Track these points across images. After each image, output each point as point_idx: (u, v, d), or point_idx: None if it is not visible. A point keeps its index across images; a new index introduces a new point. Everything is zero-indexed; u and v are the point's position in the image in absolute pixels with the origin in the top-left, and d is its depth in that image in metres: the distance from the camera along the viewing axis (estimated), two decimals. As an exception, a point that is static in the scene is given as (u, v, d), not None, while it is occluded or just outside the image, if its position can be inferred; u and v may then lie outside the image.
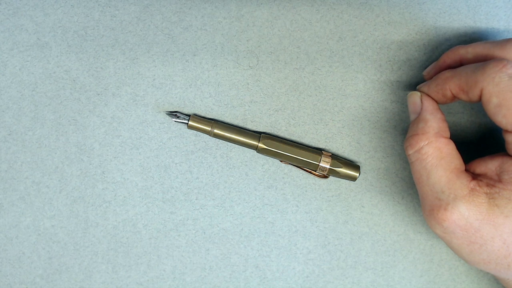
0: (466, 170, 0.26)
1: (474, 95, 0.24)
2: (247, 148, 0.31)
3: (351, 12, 0.32)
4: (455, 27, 0.32)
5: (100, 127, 0.31)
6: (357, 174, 0.31)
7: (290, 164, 0.31)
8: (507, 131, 0.24)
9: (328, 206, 0.32)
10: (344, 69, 0.32)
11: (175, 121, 0.31)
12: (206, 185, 0.32)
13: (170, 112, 0.31)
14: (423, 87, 0.28)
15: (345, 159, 0.32)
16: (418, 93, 0.28)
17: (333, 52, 0.32)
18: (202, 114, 0.31)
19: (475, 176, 0.25)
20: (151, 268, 0.32)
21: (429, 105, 0.27)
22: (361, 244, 0.32)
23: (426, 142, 0.25)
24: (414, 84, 0.32)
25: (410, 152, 0.26)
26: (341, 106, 0.32)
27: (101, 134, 0.31)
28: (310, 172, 0.31)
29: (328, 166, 0.30)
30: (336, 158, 0.31)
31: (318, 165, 0.30)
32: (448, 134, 0.26)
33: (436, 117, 0.26)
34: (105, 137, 0.31)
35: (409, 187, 0.32)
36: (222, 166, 0.32)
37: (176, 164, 0.31)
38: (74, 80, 0.31)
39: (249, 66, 0.32)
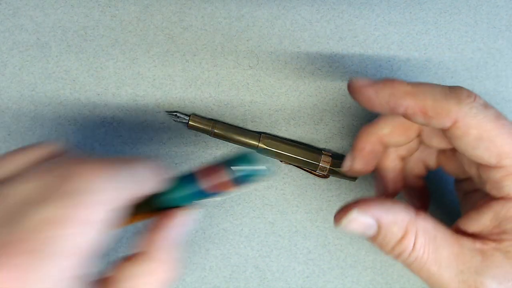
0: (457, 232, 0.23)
1: (441, 124, 0.21)
2: (247, 148, 0.31)
3: (351, 12, 0.32)
4: (455, 27, 0.32)
5: (100, 127, 0.31)
6: (357, 174, 0.31)
7: (290, 164, 0.31)
8: (489, 166, 0.22)
9: (328, 206, 0.32)
10: (344, 69, 0.32)
11: (175, 121, 0.31)
12: (206, 185, 0.32)
13: (170, 112, 0.31)
14: (367, 89, 0.22)
15: (345, 159, 0.32)
16: (355, 212, 0.22)
17: (333, 52, 0.32)
18: (202, 114, 0.31)
19: (469, 235, 0.23)
20: (151, 267, 0.32)
21: (379, 206, 0.22)
22: (360, 243, 0.32)
23: (413, 240, 0.22)
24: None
25: (405, 261, 0.22)
26: (341, 106, 0.32)
27: (101, 134, 0.31)
28: (310, 172, 0.31)
29: (328, 166, 0.31)
30: (336, 158, 0.31)
31: (318, 165, 0.31)
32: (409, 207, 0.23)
33: (398, 206, 0.22)
34: (105, 137, 0.31)
35: (409, 187, 0.32)
36: (222, 166, 0.32)
37: (176, 164, 0.31)
38: (74, 80, 0.31)
39: (249, 66, 0.32)
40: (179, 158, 0.31)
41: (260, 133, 0.31)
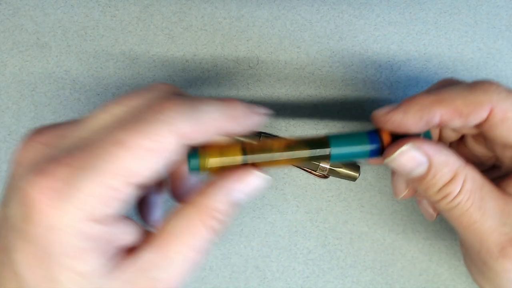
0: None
1: (478, 118, 0.21)
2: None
3: (351, 12, 0.32)
4: (455, 27, 0.32)
5: (100, 127, 0.31)
6: (357, 174, 0.31)
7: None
8: None
9: (328, 206, 0.32)
10: (344, 69, 0.32)
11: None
12: (206, 185, 0.32)
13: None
14: (394, 113, 0.22)
15: (345, 159, 0.32)
16: (409, 145, 0.22)
17: (333, 52, 0.32)
18: (202, 114, 0.31)
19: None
20: (151, 267, 0.32)
21: (432, 145, 0.22)
22: (360, 243, 0.32)
23: (460, 184, 0.22)
24: (413, 85, 0.32)
25: (447, 205, 0.22)
26: (341, 106, 0.32)
27: (101, 134, 0.31)
28: (310, 172, 0.31)
29: (328, 166, 0.31)
30: (336, 158, 0.31)
31: (318, 165, 0.31)
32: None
33: (447, 150, 0.22)
34: (105, 137, 0.31)
35: (409, 187, 0.32)
36: (222, 166, 0.32)
37: (176, 164, 0.32)
38: (74, 80, 0.31)
39: (249, 66, 0.32)
40: (179, 158, 0.31)
41: (260, 133, 0.31)
